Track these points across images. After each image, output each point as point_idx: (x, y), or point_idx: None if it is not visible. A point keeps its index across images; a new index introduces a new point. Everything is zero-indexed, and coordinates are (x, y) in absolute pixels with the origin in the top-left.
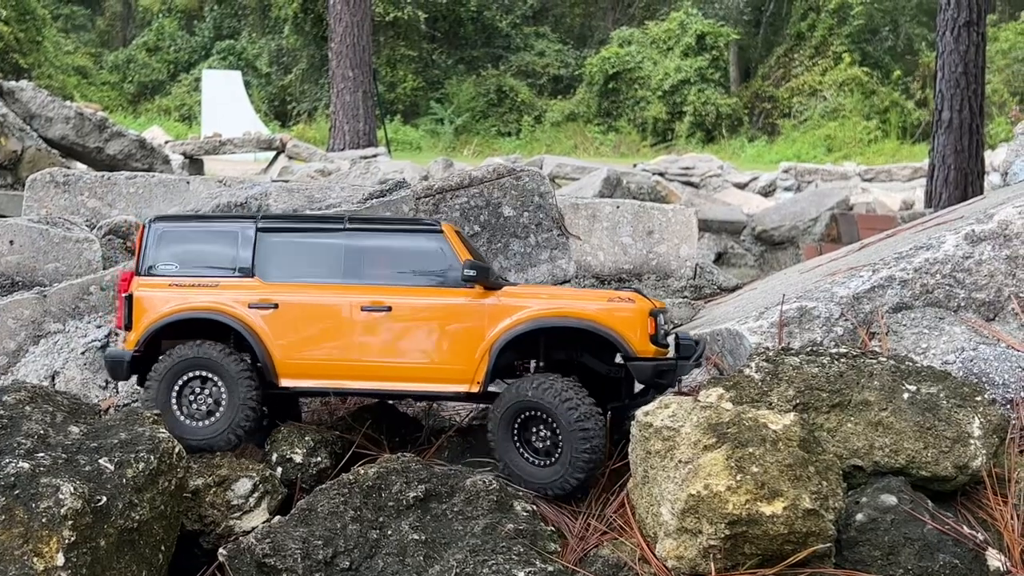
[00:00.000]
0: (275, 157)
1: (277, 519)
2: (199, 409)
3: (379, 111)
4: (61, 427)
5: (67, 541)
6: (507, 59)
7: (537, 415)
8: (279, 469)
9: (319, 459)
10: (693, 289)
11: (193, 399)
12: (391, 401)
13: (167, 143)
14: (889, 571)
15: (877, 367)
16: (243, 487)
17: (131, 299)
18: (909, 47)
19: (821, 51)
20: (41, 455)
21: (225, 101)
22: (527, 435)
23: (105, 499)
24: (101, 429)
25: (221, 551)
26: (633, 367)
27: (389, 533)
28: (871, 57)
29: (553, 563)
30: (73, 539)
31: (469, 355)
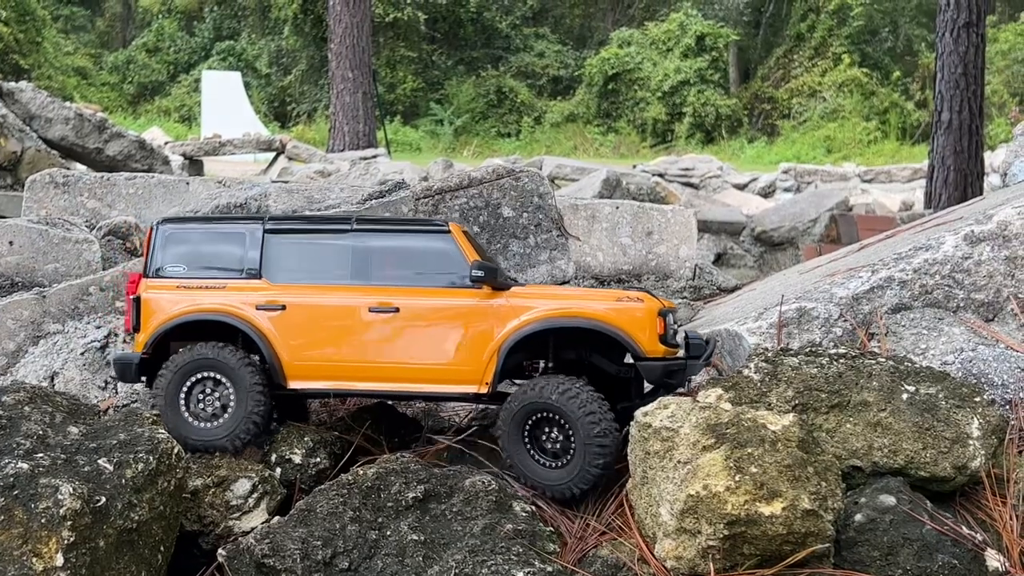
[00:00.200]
0: (275, 158)
1: (276, 519)
2: (205, 410)
3: (379, 112)
4: (60, 428)
5: (66, 541)
6: (507, 60)
7: (550, 417)
8: (278, 470)
9: (318, 460)
10: (692, 290)
11: (202, 399)
12: (391, 402)
13: (167, 144)
14: (888, 571)
15: (876, 368)
16: (242, 487)
17: (139, 301)
18: (909, 48)
19: (821, 52)
20: (40, 455)
21: (225, 102)
22: (538, 435)
23: (104, 499)
24: (100, 430)
25: (220, 551)
26: (643, 367)
27: (388, 533)
28: (871, 58)
29: (552, 563)
30: (72, 539)
31: (478, 356)
